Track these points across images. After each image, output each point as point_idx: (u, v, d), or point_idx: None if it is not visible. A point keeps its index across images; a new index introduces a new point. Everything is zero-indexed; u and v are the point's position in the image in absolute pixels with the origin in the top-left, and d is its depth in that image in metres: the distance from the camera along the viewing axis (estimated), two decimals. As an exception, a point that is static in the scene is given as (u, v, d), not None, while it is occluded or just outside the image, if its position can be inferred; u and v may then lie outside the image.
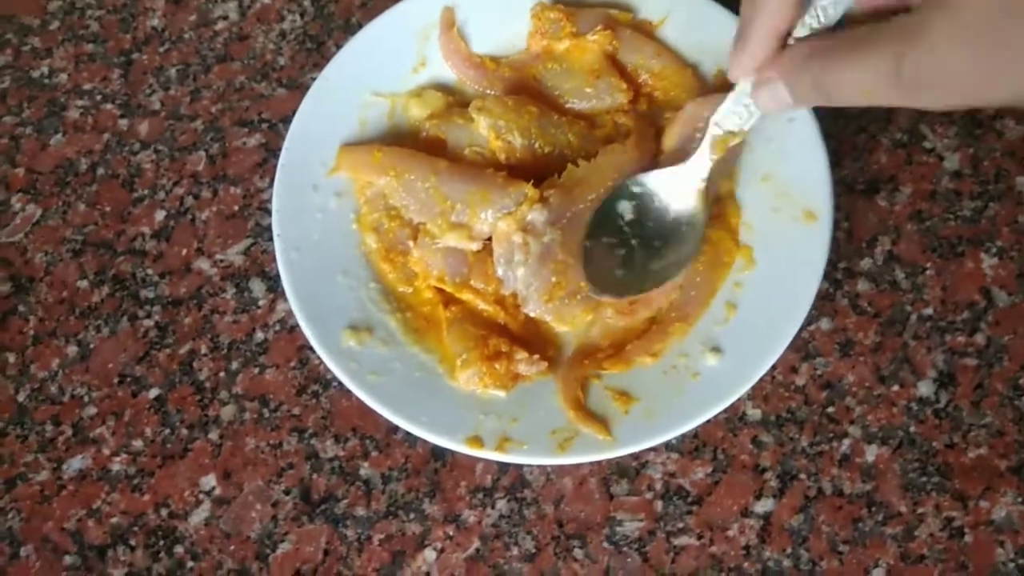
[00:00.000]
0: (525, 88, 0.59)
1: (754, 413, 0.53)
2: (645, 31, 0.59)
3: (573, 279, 0.51)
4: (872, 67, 0.37)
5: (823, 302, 0.54)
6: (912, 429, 0.51)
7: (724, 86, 0.49)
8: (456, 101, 0.60)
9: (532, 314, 0.52)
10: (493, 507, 0.52)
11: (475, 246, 0.53)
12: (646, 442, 0.49)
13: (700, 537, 0.50)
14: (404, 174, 0.55)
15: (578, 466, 0.52)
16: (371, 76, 0.60)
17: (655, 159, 0.55)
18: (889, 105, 0.38)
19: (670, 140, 0.55)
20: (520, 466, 0.53)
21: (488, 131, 0.56)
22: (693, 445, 0.52)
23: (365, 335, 0.53)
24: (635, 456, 0.52)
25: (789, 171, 0.54)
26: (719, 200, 0.55)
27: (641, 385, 0.51)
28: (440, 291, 0.55)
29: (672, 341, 0.52)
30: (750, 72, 0.44)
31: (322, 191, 0.57)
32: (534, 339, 0.53)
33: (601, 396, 0.51)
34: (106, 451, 0.56)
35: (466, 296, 0.53)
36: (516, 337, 0.53)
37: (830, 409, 0.52)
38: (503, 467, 0.53)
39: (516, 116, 0.56)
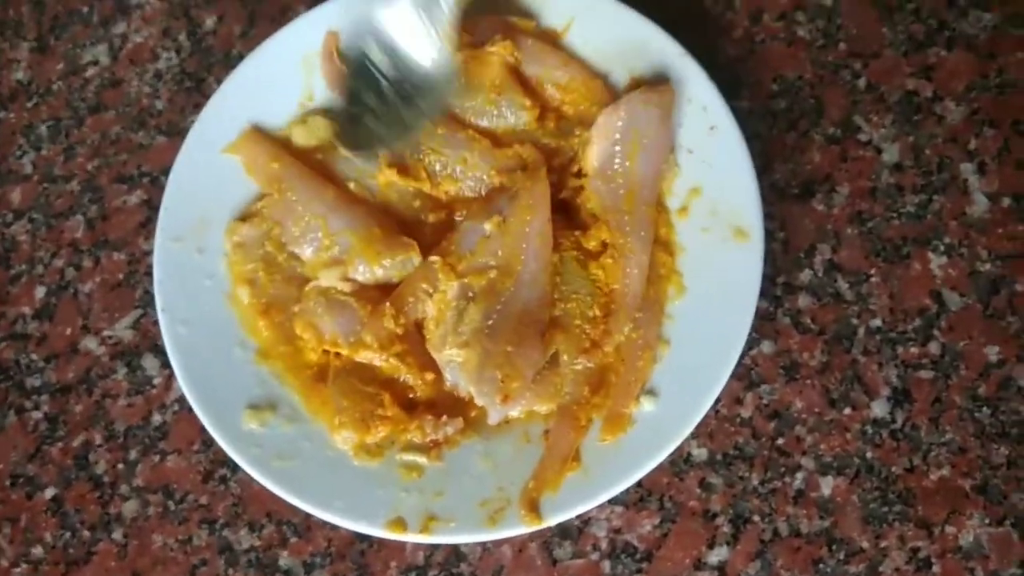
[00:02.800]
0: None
1: (700, 453, 0.49)
2: (549, 40, 0.54)
3: (520, 366, 0.46)
4: None
5: (763, 323, 0.50)
6: (869, 455, 0.47)
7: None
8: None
9: (500, 418, 0.47)
10: (427, 587, 0.48)
11: (347, 287, 0.49)
12: (584, 505, 0.45)
13: (652, 597, 0.46)
14: (288, 193, 0.51)
15: (515, 532, 0.48)
16: (255, 114, 0.54)
17: (559, 195, 0.50)
18: None
19: (591, 160, 0.50)
20: (452, 539, 0.48)
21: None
22: (637, 495, 0.48)
23: (268, 414, 0.48)
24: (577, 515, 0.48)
25: (714, 184, 0.49)
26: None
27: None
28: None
29: (646, 376, 0.47)
30: None
31: (209, 254, 0.52)
32: (447, 400, 0.48)
33: (533, 455, 0.46)
34: (4, 563, 0.51)
35: (363, 356, 0.48)
36: (424, 399, 0.48)
37: (780, 441, 0.48)
38: (434, 542, 0.48)
39: None
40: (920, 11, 0.55)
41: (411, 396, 0.49)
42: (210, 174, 0.53)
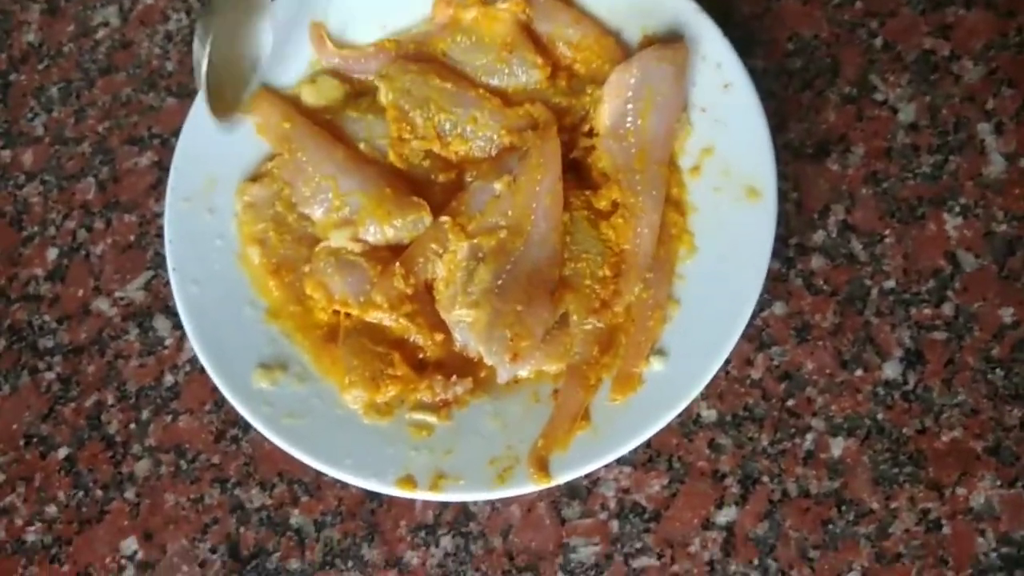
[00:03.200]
0: (433, 64, 0.53)
1: (709, 414, 0.49)
2: (559, -7, 0.53)
3: (530, 325, 0.46)
4: None
5: (775, 283, 0.50)
6: (880, 416, 0.47)
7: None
8: (354, 90, 0.54)
9: (509, 376, 0.47)
10: (437, 545, 0.48)
11: (357, 247, 0.49)
12: (593, 464, 0.45)
13: (660, 556, 0.46)
14: (299, 153, 0.51)
15: (525, 491, 0.48)
16: (265, 73, 0.54)
17: (570, 154, 0.50)
18: None
19: (603, 119, 0.50)
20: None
21: (389, 107, 0.51)
22: (646, 456, 0.48)
23: (278, 373, 0.48)
24: (585, 474, 0.48)
25: (727, 143, 0.49)
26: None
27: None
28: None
29: (656, 336, 0.47)
30: None
31: (219, 213, 0.52)
32: (456, 360, 0.48)
33: (542, 415, 0.46)
34: (19, 521, 0.51)
35: (373, 316, 0.48)
36: (434, 360, 0.48)
37: (790, 402, 0.48)
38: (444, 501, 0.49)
39: (419, 86, 0.51)
40: (939, -32, 0.54)
41: (421, 356, 0.49)
42: (219, 134, 0.52)
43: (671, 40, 0.50)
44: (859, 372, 0.48)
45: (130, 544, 0.50)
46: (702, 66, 0.50)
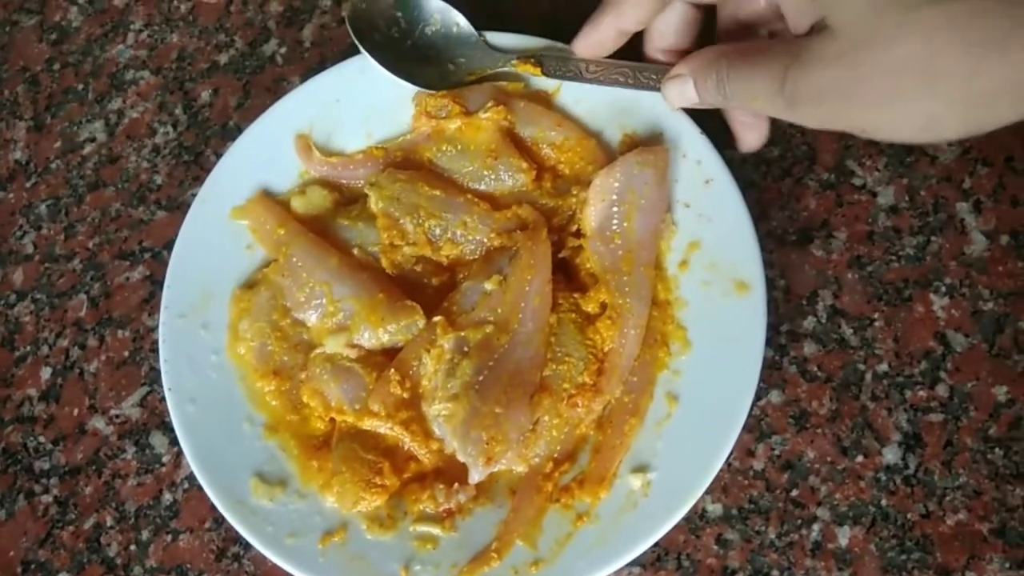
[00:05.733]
0: (420, 171, 0.54)
1: (715, 508, 0.48)
2: (541, 101, 0.54)
3: (506, 429, 0.46)
4: (763, 76, 0.41)
5: (770, 372, 0.50)
6: (883, 502, 0.47)
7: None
8: (343, 198, 0.55)
9: (481, 478, 0.47)
10: (446, 659, 0.47)
11: (352, 353, 0.50)
12: (602, 570, 0.44)
13: (674, 659, 0.46)
14: (293, 259, 0.52)
15: (532, 598, 0.47)
16: (255, 185, 0.55)
17: (558, 254, 0.51)
18: (775, 116, 0.42)
19: (589, 221, 0.50)
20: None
21: (379, 215, 0.52)
22: (654, 555, 0.48)
23: (277, 490, 0.48)
24: (593, 576, 0.47)
25: (713, 237, 0.49)
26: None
27: (593, 506, 0.46)
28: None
29: (631, 442, 0.47)
30: (588, 54, 0.51)
31: (214, 329, 0.52)
32: (456, 468, 0.47)
33: (555, 520, 0.46)
34: (18, 653, 0.50)
35: (368, 424, 0.48)
36: (432, 468, 0.48)
37: (794, 492, 0.48)
38: (450, 613, 0.48)
39: (409, 193, 0.52)
40: (906, 53, 0.55)
41: (415, 464, 0.49)
42: (212, 248, 0.53)
43: (652, 142, 0.51)
44: (860, 458, 0.48)
45: (133, 674, 0.49)
46: (683, 163, 0.51)
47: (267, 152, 0.55)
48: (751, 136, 0.49)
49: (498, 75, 0.54)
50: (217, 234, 0.53)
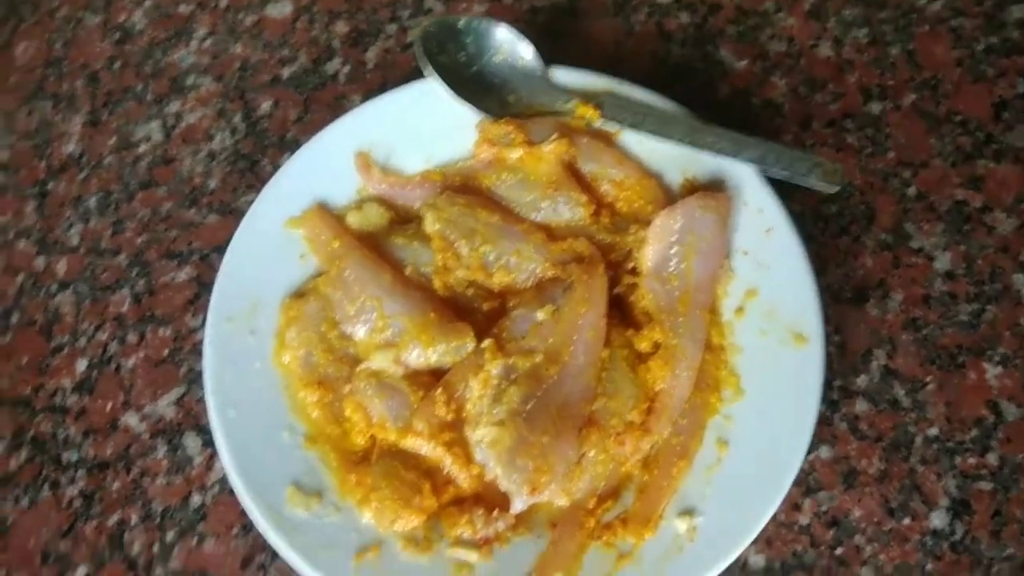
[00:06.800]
0: (479, 197, 0.54)
1: (756, 560, 0.47)
2: (604, 139, 0.55)
3: (553, 461, 0.46)
4: None
5: (820, 427, 0.49)
6: (928, 567, 0.46)
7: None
8: (398, 217, 0.55)
9: (523, 507, 0.46)
10: None
11: (399, 371, 0.49)
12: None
13: None
14: (346, 272, 0.51)
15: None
16: (313, 198, 0.55)
17: (612, 290, 0.51)
18: None
19: (646, 260, 0.51)
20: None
21: (434, 236, 0.52)
22: (691, 603, 0.47)
23: (313, 501, 0.47)
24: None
25: (771, 286, 0.49)
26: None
27: (637, 546, 0.45)
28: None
29: (678, 484, 0.47)
30: None
31: (261, 336, 0.51)
32: (495, 495, 0.47)
33: (596, 557, 0.45)
34: (26, 649, 0.49)
35: (410, 443, 0.48)
36: (471, 493, 0.47)
37: (839, 550, 0.47)
38: (479, 645, 0.47)
39: (466, 217, 0.52)
40: (967, 123, 0.56)
41: (454, 488, 0.48)
42: (265, 255, 0.53)
43: (712, 187, 0.52)
44: (906, 520, 0.47)
45: None
46: (744, 211, 0.51)
47: (327, 166, 0.55)
48: None
49: (557, 113, 0.55)
50: (271, 242, 0.53)
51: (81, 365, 0.56)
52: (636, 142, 0.55)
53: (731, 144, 0.51)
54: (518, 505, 0.46)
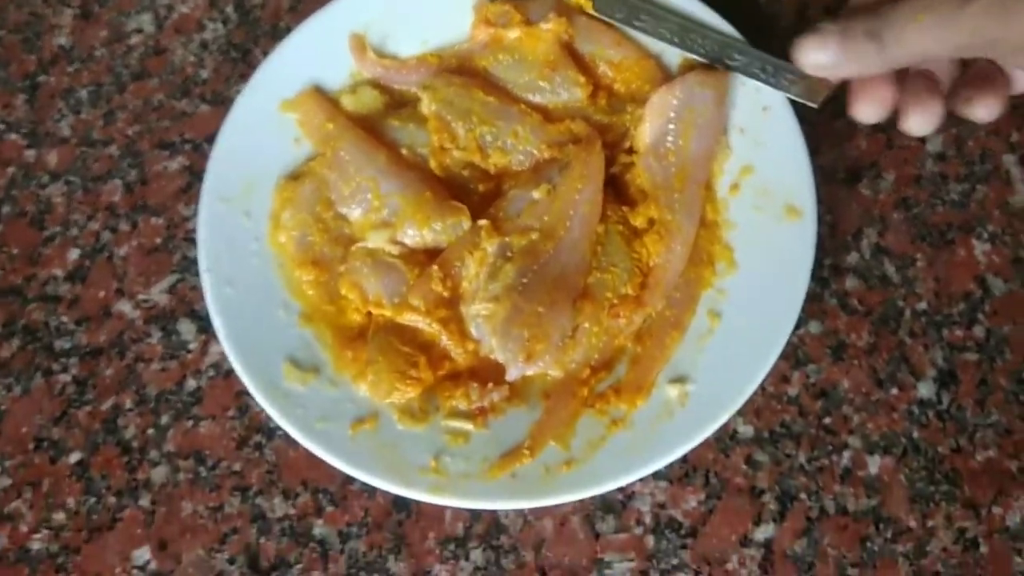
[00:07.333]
0: (475, 79, 0.54)
1: (746, 430, 0.48)
2: (603, 20, 0.54)
3: (548, 329, 0.46)
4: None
5: (811, 303, 0.50)
6: (915, 435, 0.47)
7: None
8: (393, 101, 0.55)
9: (518, 375, 0.47)
10: (467, 559, 0.47)
11: (394, 249, 0.49)
12: (633, 475, 0.44)
13: (697, 573, 0.46)
14: (341, 153, 0.51)
15: (559, 504, 0.47)
16: (305, 83, 0.54)
17: (609, 170, 0.51)
18: (949, 51, 0.39)
19: (644, 137, 0.51)
20: (494, 510, 0.47)
21: (431, 117, 0.52)
22: (682, 471, 0.48)
23: (310, 375, 0.47)
24: (620, 488, 0.47)
25: (766, 163, 0.50)
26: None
27: (629, 412, 0.46)
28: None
29: (670, 354, 0.47)
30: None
31: (256, 217, 0.51)
32: (490, 368, 0.47)
33: (589, 423, 0.46)
34: (24, 528, 0.49)
35: (407, 318, 0.48)
36: (466, 367, 0.48)
37: (827, 420, 0.48)
38: (475, 513, 0.47)
39: (462, 98, 0.52)
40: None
41: (450, 363, 0.48)
42: (259, 139, 0.52)
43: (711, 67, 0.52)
44: (894, 391, 0.48)
45: (143, 553, 0.48)
46: (742, 90, 0.51)
47: (320, 49, 0.54)
48: (920, 118, 0.44)
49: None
50: (264, 125, 0.53)
51: (73, 254, 0.56)
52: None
53: (717, 48, 0.51)
54: (513, 373, 0.46)
